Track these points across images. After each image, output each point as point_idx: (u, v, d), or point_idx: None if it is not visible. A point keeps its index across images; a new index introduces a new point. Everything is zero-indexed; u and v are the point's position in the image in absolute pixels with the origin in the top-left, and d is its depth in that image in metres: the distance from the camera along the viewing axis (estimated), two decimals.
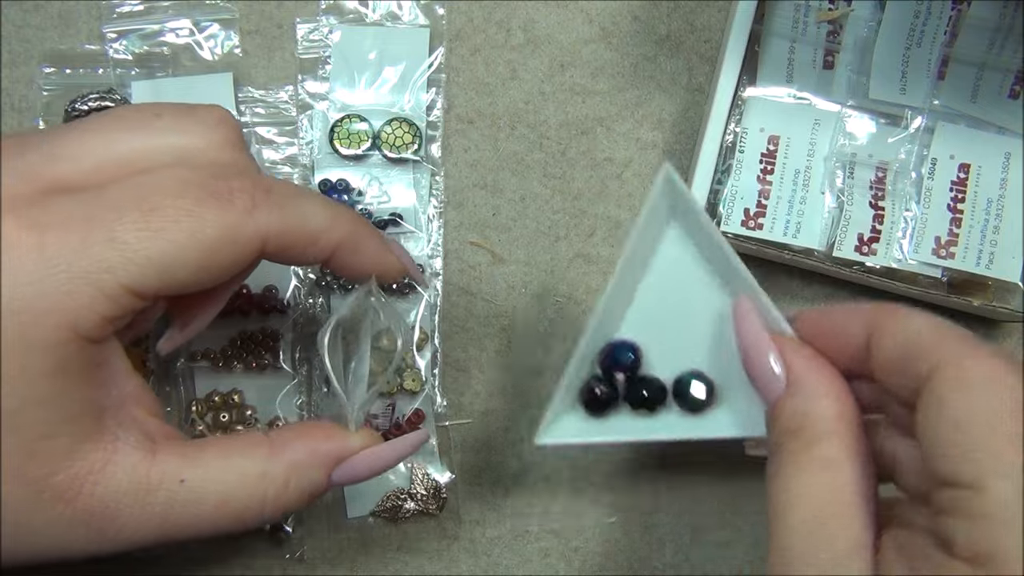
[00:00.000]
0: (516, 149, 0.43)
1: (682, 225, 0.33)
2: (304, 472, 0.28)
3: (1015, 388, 0.22)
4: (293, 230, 0.27)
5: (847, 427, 0.25)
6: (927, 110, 0.42)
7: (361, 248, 0.30)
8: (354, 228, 0.30)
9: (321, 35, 0.42)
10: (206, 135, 0.28)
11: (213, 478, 0.26)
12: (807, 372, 0.26)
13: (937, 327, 0.24)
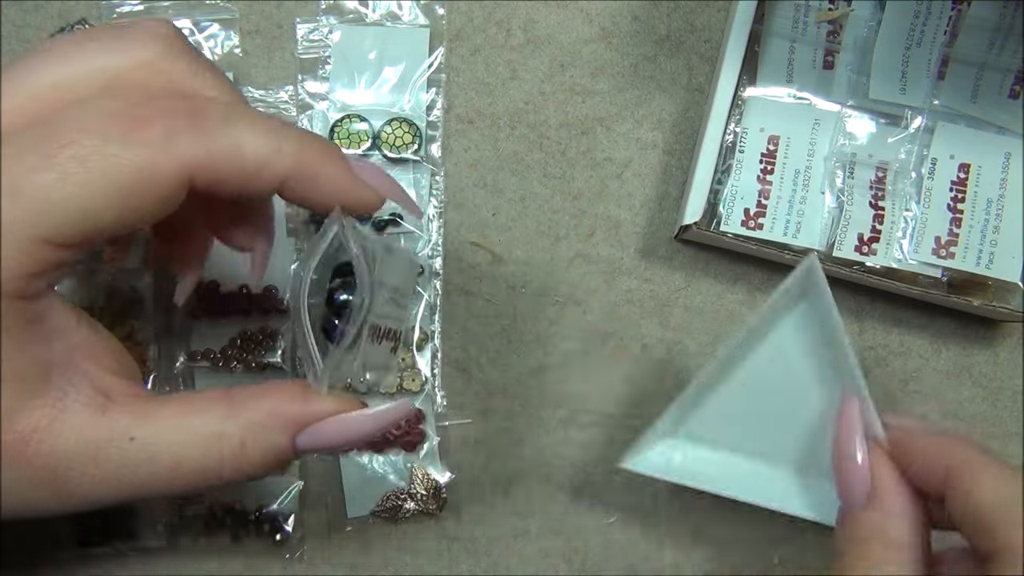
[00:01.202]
0: (516, 149, 0.43)
1: (807, 311, 0.36)
2: (263, 434, 0.25)
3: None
4: (223, 161, 0.24)
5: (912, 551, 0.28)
6: (927, 110, 0.42)
7: (320, 177, 0.26)
8: (304, 154, 0.25)
9: (321, 35, 0.42)
10: (137, 53, 0.25)
11: (165, 437, 0.24)
12: (890, 489, 0.29)
13: (1009, 503, 0.26)
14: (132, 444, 0.24)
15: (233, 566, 0.41)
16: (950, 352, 0.44)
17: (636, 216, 0.43)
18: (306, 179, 0.26)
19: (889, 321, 0.44)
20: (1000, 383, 0.44)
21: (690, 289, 0.43)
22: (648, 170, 0.44)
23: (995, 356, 0.44)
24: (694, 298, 0.43)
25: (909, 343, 0.44)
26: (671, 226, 0.43)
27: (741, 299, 0.43)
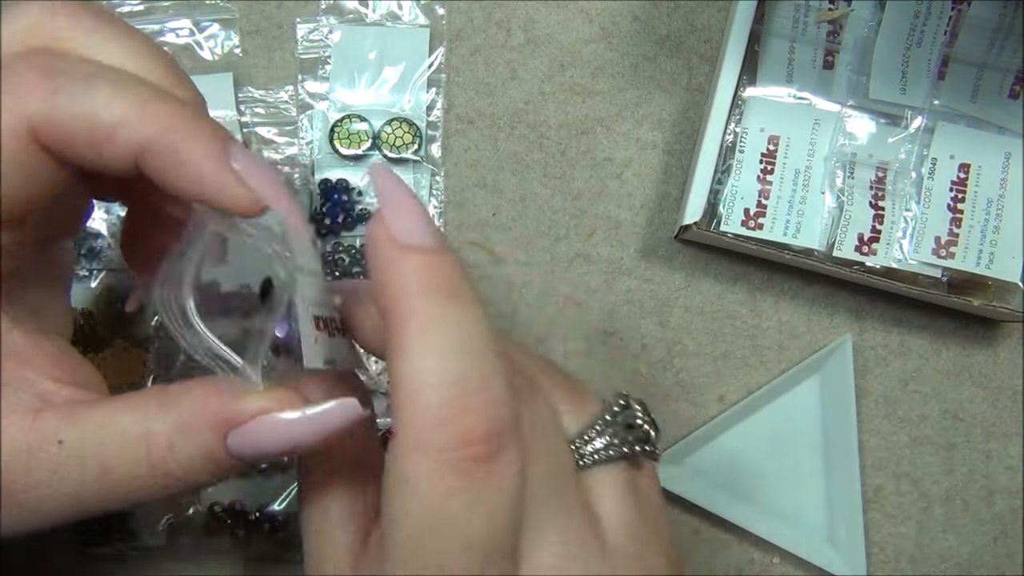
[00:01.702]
0: (516, 149, 0.43)
1: (825, 379, 0.43)
2: (189, 434, 0.22)
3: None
4: (72, 119, 0.21)
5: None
6: (927, 110, 0.42)
7: (179, 155, 0.21)
8: (171, 123, 0.21)
9: (321, 35, 0.42)
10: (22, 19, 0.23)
11: (92, 438, 0.22)
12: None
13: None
14: (60, 448, 0.22)
15: (233, 566, 0.41)
16: (950, 352, 0.44)
17: (636, 216, 0.43)
18: (164, 154, 0.21)
19: (889, 321, 0.44)
20: (1000, 383, 0.44)
21: (690, 289, 0.43)
22: (648, 170, 0.44)
23: (995, 356, 0.44)
24: (694, 298, 0.43)
25: (909, 343, 0.44)
26: (671, 226, 0.43)
27: (741, 299, 0.43)
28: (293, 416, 0.22)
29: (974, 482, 0.44)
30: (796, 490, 0.42)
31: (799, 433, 0.43)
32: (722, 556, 0.43)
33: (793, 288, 0.44)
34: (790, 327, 0.43)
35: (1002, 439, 0.44)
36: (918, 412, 0.44)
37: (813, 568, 0.42)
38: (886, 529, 0.43)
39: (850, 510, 0.41)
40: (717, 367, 0.43)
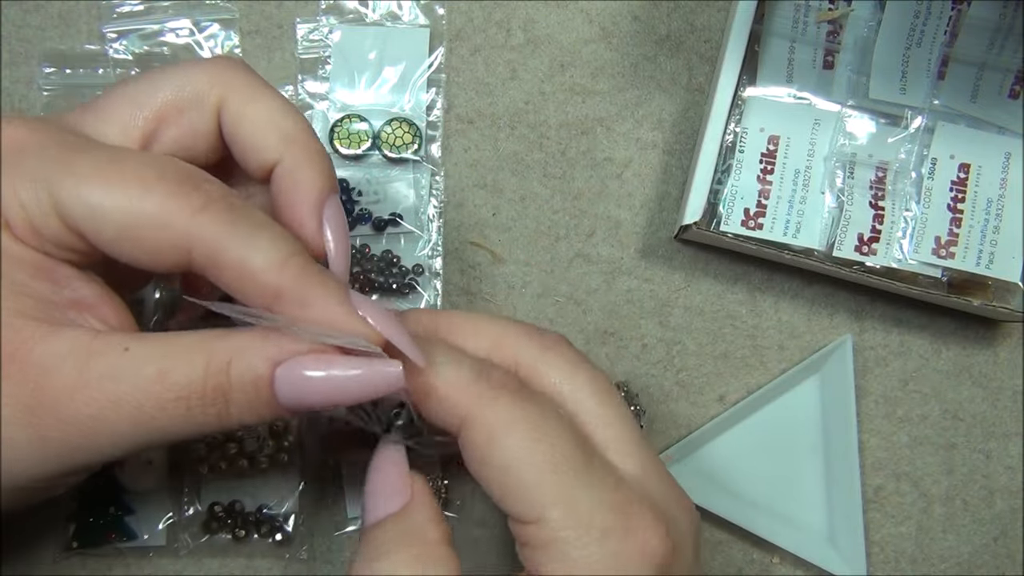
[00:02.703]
0: (516, 149, 0.43)
1: (825, 379, 0.43)
2: (245, 356, 0.25)
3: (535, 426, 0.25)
4: (227, 251, 0.24)
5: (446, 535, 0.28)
6: (927, 110, 0.42)
7: (306, 305, 0.25)
8: (302, 280, 0.25)
9: (321, 35, 0.42)
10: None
11: (157, 348, 0.24)
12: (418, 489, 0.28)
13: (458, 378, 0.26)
14: (124, 354, 0.24)
15: (233, 566, 0.41)
16: (950, 352, 0.44)
17: (636, 216, 0.43)
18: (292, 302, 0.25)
19: (889, 321, 0.44)
20: (1000, 383, 0.44)
21: (690, 289, 0.43)
22: (648, 170, 0.44)
23: (995, 356, 0.44)
24: (694, 298, 0.43)
25: (909, 343, 0.44)
26: (671, 226, 0.43)
27: (741, 299, 0.43)
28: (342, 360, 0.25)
29: (974, 482, 0.44)
30: (796, 490, 0.42)
31: (799, 433, 0.43)
32: (722, 556, 0.43)
33: (793, 288, 0.44)
34: (790, 327, 0.43)
35: (1002, 439, 0.44)
36: (918, 412, 0.44)
37: (813, 568, 0.42)
38: (886, 529, 0.43)
39: (850, 510, 0.41)
40: (717, 367, 0.43)
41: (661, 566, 0.25)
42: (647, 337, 0.43)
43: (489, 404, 0.25)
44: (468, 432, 0.26)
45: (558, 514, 0.24)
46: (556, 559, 0.24)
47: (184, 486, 0.40)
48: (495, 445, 0.25)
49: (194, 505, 0.40)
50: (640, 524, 0.25)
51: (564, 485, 0.25)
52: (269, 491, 0.41)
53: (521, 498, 0.25)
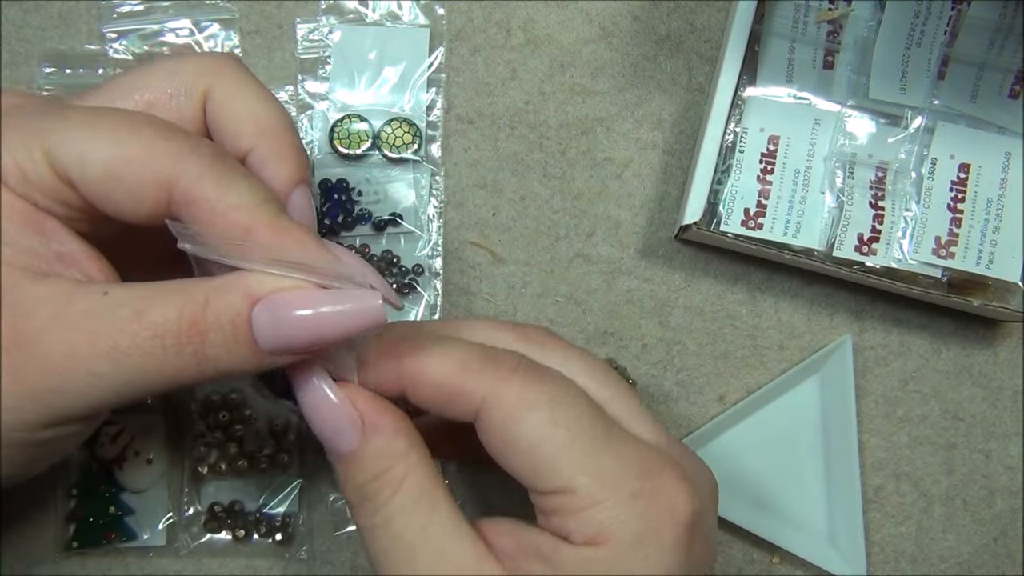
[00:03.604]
0: (516, 149, 0.43)
1: (825, 379, 0.43)
2: (223, 294, 0.24)
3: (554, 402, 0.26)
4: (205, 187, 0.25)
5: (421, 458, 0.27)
6: (927, 110, 0.42)
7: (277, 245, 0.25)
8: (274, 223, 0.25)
9: (321, 35, 0.42)
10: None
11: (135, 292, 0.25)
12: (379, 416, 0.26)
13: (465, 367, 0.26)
14: (102, 297, 0.24)
15: (233, 566, 0.41)
16: (950, 352, 0.44)
17: (636, 216, 0.43)
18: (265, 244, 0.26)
19: (889, 321, 0.44)
20: (1000, 383, 0.44)
21: (690, 289, 0.43)
22: (648, 170, 0.44)
23: (995, 356, 0.44)
24: (694, 298, 0.43)
25: (909, 343, 0.44)
26: (671, 226, 0.43)
27: (741, 299, 0.43)
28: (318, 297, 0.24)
29: (974, 482, 0.44)
30: (796, 490, 0.42)
31: (799, 433, 0.43)
32: (722, 556, 0.43)
33: (793, 288, 0.44)
34: (790, 327, 0.43)
35: (1002, 439, 0.44)
36: (918, 412, 0.44)
37: (813, 568, 0.42)
38: (886, 529, 0.43)
39: (850, 510, 0.41)
40: (717, 367, 0.43)
41: (688, 525, 0.25)
42: (647, 337, 0.43)
43: (506, 384, 0.26)
44: (488, 414, 0.26)
45: (587, 481, 0.25)
46: (587, 524, 0.25)
47: (184, 486, 0.40)
48: (517, 424, 0.25)
49: (194, 505, 0.40)
50: (667, 485, 0.25)
51: (590, 453, 0.25)
52: (269, 491, 0.41)
53: (548, 471, 0.25)
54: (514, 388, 0.26)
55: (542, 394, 0.26)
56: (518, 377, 0.26)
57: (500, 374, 0.26)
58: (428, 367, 0.27)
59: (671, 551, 0.25)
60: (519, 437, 0.25)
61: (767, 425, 0.43)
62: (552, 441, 0.25)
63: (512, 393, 0.26)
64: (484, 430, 0.26)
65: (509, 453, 0.26)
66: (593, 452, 0.25)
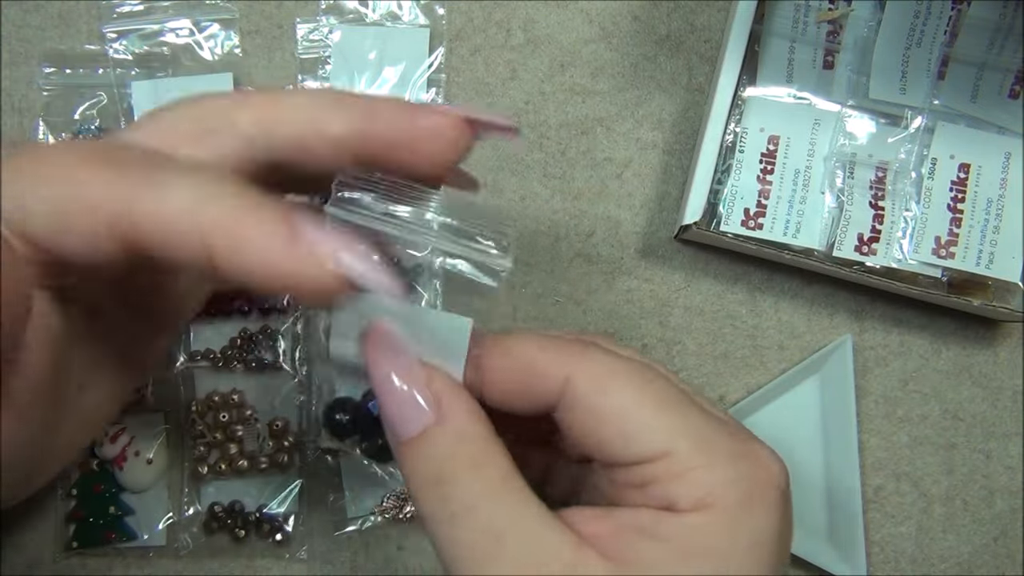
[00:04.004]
0: (516, 149, 0.43)
1: (825, 379, 0.43)
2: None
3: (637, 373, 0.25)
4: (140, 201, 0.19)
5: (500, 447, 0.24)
6: (927, 110, 0.42)
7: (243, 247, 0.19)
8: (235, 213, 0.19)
9: (321, 35, 0.42)
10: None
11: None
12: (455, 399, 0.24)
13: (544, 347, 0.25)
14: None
15: (233, 566, 0.41)
16: (950, 352, 0.44)
17: (636, 216, 0.43)
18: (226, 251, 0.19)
19: (889, 321, 0.44)
20: (1000, 383, 0.44)
21: (690, 289, 0.43)
22: (648, 170, 0.44)
23: (995, 356, 0.44)
24: (694, 298, 0.43)
25: (909, 343, 0.44)
26: (671, 226, 0.43)
27: (741, 299, 0.43)
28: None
29: (974, 482, 0.44)
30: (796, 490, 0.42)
31: (799, 433, 0.43)
32: None
33: (793, 288, 0.44)
34: (790, 327, 0.43)
35: (1002, 439, 0.44)
36: (918, 412, 0.44)
37: (813, 568, 0.42)
38: (886, 529, 0.43)
39: (850, 510, 0.41)
40: (717, 367, 0.43)
41: (784, 490, 0.25)
42: (647, 337, 0.43)
43: (588, 358, 0.25)
44: (574, 387, 0.24)
45: (687, 444, 0.24)
46: (695, 486, 0.23)
47: (184, 486, 0.40)
48: (607, 392, 0.24)
49: (194, 505, 0.40)
50: (760, 450, 0.25)
51: (685, 417, 0.24)
52: (269, 491, 0.41)
53: (643, 438, 0.24)
54: (598, 360, 0.25)
55: (628, 364, 0.25)
56: (599, 352, 0.25)
57: (582, 350, 0.25)
58: (508, 353, 0.25)
59: (776, 513, 0.24)
60: (608, 405, 0.24)
61: (767, 425, 0.43)
62: (644, 406, 0.24)
63: (597, 365, 0.25)
64: (569, 408, 0.25)
65: (597, 426, 0.24)
66: (689, 415, 0.24)
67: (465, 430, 0.24)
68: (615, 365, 0.25)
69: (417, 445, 0.24)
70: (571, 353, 0.25)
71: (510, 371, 0.25)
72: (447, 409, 0.24)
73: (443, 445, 0.24)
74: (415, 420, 0.24)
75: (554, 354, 0.25)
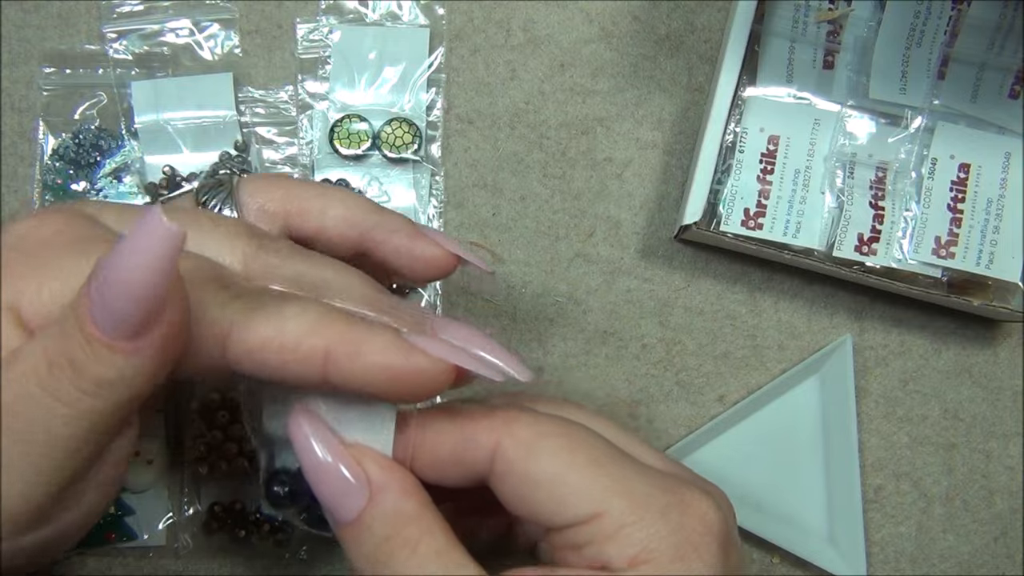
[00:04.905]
0: (516, 149, 0.43)
1: (824, 379, 0.43)
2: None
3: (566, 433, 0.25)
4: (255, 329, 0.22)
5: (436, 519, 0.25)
6: (927, 110, 0.42)
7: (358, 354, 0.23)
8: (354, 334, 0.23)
9: (321, 35, 0.42)
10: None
11: None
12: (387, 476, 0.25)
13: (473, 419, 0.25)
14: None
15: (233, 566, 0.41)
16: (950, 352, 0.44)
17: (636, 216, 0.43)
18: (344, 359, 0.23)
19: (889, 321, 0.44)
20: (1000, 383, 0.44)
21: (690, 289, 0.43)
22: (648, 170, 0.44)
23: (995, 356, 0.44)
24: (694, 298, 0.43)
25: (909, 343, 0.44)
26: (671, 226, 0.43)
27: (741, 299, 0.43)
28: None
29: (974, 482, 0.44)
30: (796, 490, 0.42)
31: (799, 433, 0.43)
32: None
33: (793, 288, 0.44)
34: (790, 327, 0.43)
35: (1002, 439, 0.44)
36: (918, 412, 0.44)
37: (813, 568, 0.42)
38: (886, 529, 0.43)
39: (850, 510, 0.41)
40: (717, 367, 0.43)
41: (720, 535, 0.25)
42: (647, 337, 0.43)
43: (518, 422, 0.25)
44: (504, 454, 0.25)
45: (619, 502, 0.24)
46: (628, 545, 0.24)
47: (184, 486, 0.40)
48: (536, 456, 0.25)
49: (194, 505, 0.40)
50: (693, 499, 0.25)
51: (616, 477, 0.25)
52: None
53: (575, 500, 0.24)
54: (527, 423, 0.25)
55: (557, 426, 0.25)
56: (527, 415, 0.26)
57: (509, 415, 0.25)
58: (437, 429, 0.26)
59: (713, 560, 0.25)
60: (539, 470, 0.25)
61: (767, 425, 0.43)
62: (575, 469, 0.25)
63: (526, 428, 0.25)
64: (500, 474, 0.25)
65: (530, 491, 0.25)
66: (620, 474, 0.25)
67: (399, 509, 0.25)
68: (544, 428, 0.25)
69: (354, 528, 0.25)
70: (500, 419, 0.25)
71: (441, 446, 0.26)
72: (378, 488, 0.24)
73: (377, 528, 0.24)
74: (349, 504, 0.25)
75: (483, 422, 0.25)
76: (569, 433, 0.25)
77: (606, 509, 0.24)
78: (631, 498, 0.24)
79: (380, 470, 0.25)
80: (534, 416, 0.26)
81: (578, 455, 0.25)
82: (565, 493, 0.24)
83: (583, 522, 0.24)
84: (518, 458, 0.25)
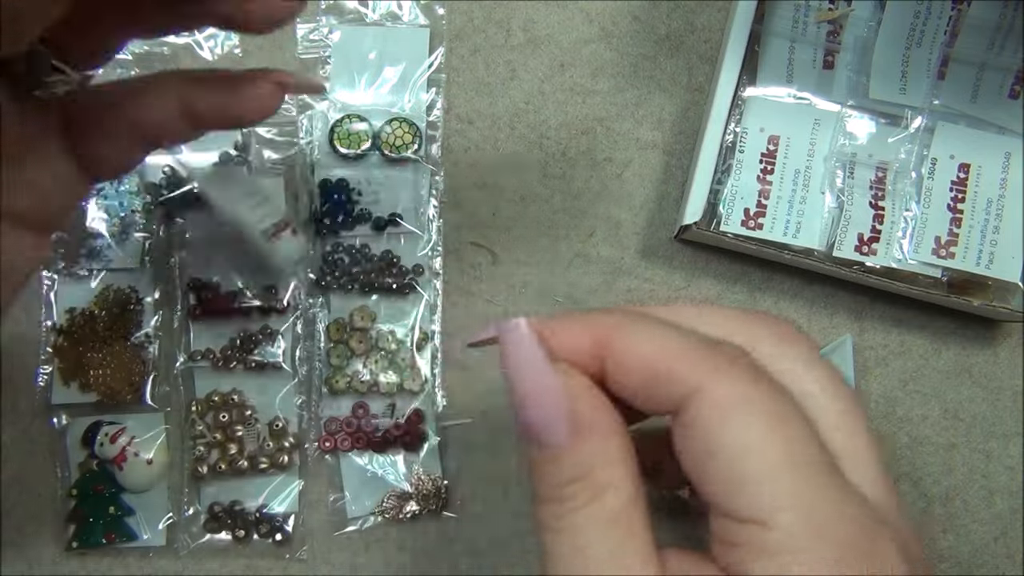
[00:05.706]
0: (516, 149, 0.43)
1: None
2: None
3: (774, 411, 0.21)
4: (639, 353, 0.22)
5: (629, 470, 0.22)
6: (927, 110, 0.42)
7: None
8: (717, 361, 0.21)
9: (321, 35, 0.42)
10: None
11: None
12: (596, 413, 0.22)
13: (681, 345, 0.22)
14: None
15: (233, 566, 0.41)
16: (950, 352, 0.44)
17: (636, 216, 0.43)
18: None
19: (889, 321, 0.44)
20: (1000, 383, 0.44)
21: (690, 289, 0.43)
22: (648, 170, 0.44)
23: (995, 356, 0.44)
24: (694, 298, 0.43)
25: (909, 343, 0.44)
26: (671, 226, 0.43)
27: (741, 299, 0.43)
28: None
29: (974, 482, 0.44)
30: None
31: None
32: None
33: (793, 288, 0.44)
34: None
35: (1002, 439, 0.44)
36: (918, 412, 0.44)
37: None
38: None
39: None
40: None
41: None
42: None
43: (724, 377, 0.21)
44: (694, 408, 0.21)
45: (791, 519, 0.20)
46: (773, 569, 0.20)
47: (184, 486, 0.40)
48: (726, 423, 0.20)
49: (194, 505, 0.40)
50: (884, 554, 0.21)
51: (803, 485, 0.20)
52: (269, 491, 0.41)
53: (747, 492, 0.20)
54: (730, 381, 0.21)
55: (764, 399, 0.21)
56: (737, 370, 0.21)
57: (717, 363, 0.21)
58: (639, 343, 0.22)
59: None
60: (724, 441, 0.20)
61: None
62: (762, 456, 0.20)
63: (726, 386, 0.21)
64: (684, 426, 0.21)
65: (707, 460, 0.21)
66: (808, 485, 0.20)
67: (597, 453, 0.22)
68: (750, 391, 0.21)
69: (547, 459, 0.23)
70: (707, 364, 0.21)
71: (636, 362, 0.22)
72: (585, 427, 0.22)
73: (569, 466, 0.22)
74: (553, 435, 0.22)
75: (689, 358, 0.22)
76: (778, 413, 0.21)
77: (774, 521, 0.20)
78: (810, 520, 0.20)
79: (591, 404, 0.23)
80: (746, 373, 0.21)
81: (775, 443, 0.20)
82: (741, 477, 0.20)
83: (744, 520, 0.20)
84: (706, 416, 0.21)
